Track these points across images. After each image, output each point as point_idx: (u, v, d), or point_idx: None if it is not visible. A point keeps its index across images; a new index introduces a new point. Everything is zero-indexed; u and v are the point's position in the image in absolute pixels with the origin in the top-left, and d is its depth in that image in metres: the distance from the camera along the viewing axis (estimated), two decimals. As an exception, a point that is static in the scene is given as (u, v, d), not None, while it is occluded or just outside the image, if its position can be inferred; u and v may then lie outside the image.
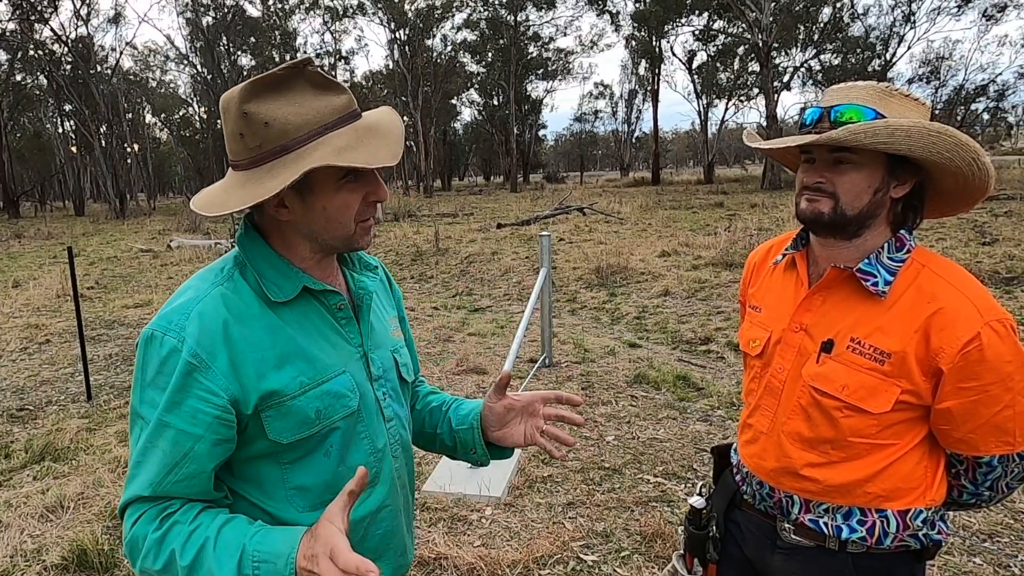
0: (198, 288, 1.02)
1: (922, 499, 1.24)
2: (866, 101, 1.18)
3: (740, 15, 28.85)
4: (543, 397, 1.24)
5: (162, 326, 0.97)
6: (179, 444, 0.95)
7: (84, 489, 3.62)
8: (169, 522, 0.95)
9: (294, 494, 1.04)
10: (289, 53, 43.11)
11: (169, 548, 0.93)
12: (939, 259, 1.23)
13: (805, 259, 1.35)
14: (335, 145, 0.96)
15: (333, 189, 1.00)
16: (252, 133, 0.97)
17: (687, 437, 4.08)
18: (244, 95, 0.97)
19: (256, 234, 1.07)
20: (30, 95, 40.36)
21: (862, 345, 1.20)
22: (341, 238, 1.05)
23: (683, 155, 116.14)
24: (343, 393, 1.07)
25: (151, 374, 0.96)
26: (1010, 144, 63.41)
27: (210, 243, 16.02)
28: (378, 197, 1.05)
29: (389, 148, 0.99)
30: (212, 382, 0.96)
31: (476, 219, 20.01)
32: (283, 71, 0.98)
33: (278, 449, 1.02)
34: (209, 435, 0.96)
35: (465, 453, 1.30)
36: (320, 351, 1.06)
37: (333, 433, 1.06)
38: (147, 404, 0.97)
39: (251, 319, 1.01)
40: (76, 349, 6.34)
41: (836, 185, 1.20)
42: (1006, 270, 8.04)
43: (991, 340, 1.12)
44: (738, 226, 13.24)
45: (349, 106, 1.01)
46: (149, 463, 0.96)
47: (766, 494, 1.35)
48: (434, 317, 7.82)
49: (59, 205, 53.79)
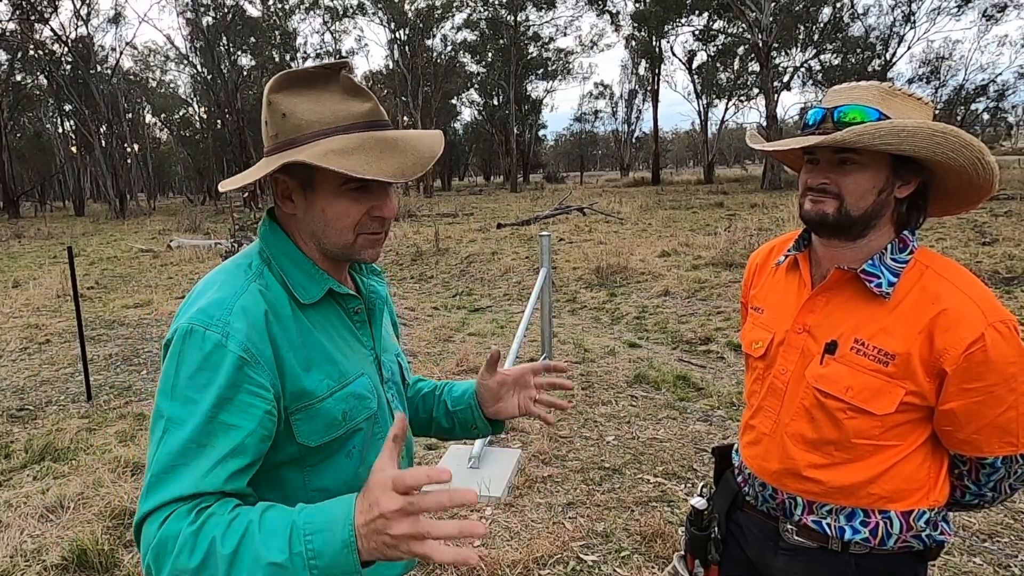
0: (233, 284, 0.99)
1: (925, 500, 1.23)
2: (869, 101, 1.17)
3: (740, 15, 28.84)
4: (532, 368, 1.28)
5: (202, 321, 0.93)
6: (229, 439, 0.90)
7: (84, 489, 3.61)
8: (206, 514, 0.86)
9: (316, 496, 1.02)
10: (289, 53, 43.11)
11: (208, 538, 0.84)
12: (942, 260, 1.23)
13: (808, 260, 1.34)
14: (329, 147, 0.94)
15: (333, 193, 0.99)
16: (272, 122, 0.99)
17: (687, 437, 4.08)
18: (274, 85, 0.99)
19: (279, 228, 1.06)
20: (30, 95, 40.36)
21: (866, 346, 1.20)
22: (339, 246, 1.03)
23: (683, 155, 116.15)
24: (364, 395, 1.07)
25: (190, 370, 0.91)
26: (1010, 144, 63.42)
27: (210, 243, 16.01)
28: (381, 213, 1.02)
29: (398, 164, 0.94)
30: (262, 376, 0.94)
31: (476, 219, 20.02)
32: (315, 68, 0.98)
33: (304, 453, 1.01)
34: (259, 429, 0.93)
35: (464, 430, 1.33)
36: (342, 354, 1.06)
37: (356, 435, 1.06)
38: (180, 403, 0.90)
39: (285, 319, 1.00)
40: (76, 349, 6.34)
41: (841, 186, 1.19)
42: (1006, 270, 8.04)
43: (995, 341, 1.12)
44: (738, 226, 13.24)
45: (371, 115, 0.99)
46: (191, 464, 0.88)
47: (769, 495, 1.35)
48: (434, 317, 7.81)
49: (59, 205, 53.81)
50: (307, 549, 0.81)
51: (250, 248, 1.08)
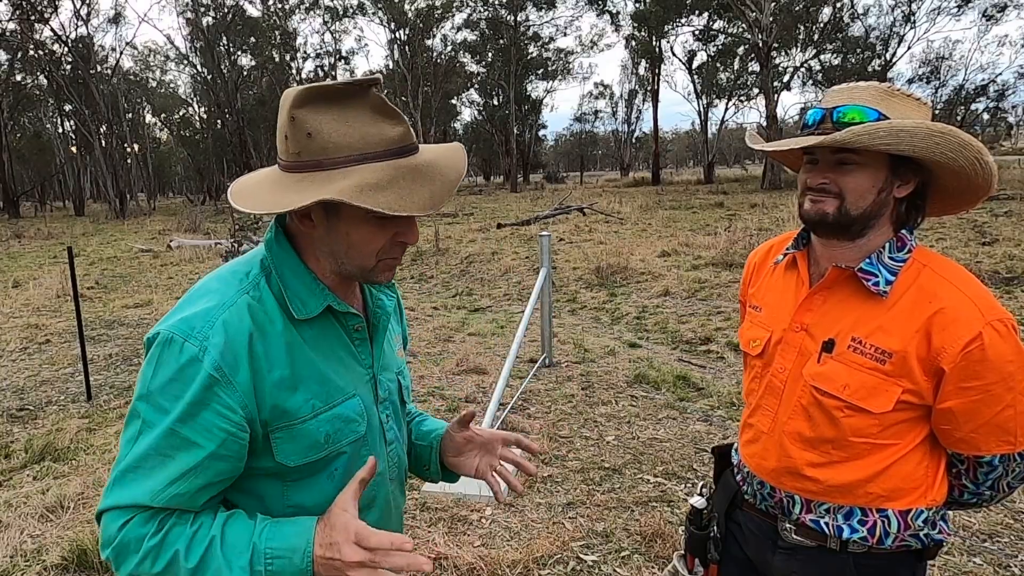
0: (223, 294, 0.97)
1: (923, 499, 1.24)
2: (868, 102, 1.18)
3: (740, 15, 28.84)
4: (503, 438, 1.25)
5: (183, 331, 0.92)
6: (189, 456, 0.91)
7: (84, 489, 3.61)
8: (168, 524, 0.91)
9: (292, 511, 1.02)
10: (289, 53, 43.11)
11: (171, 550, 0.89)
12: (940, 259, 1.23)
13: (806, 259, 1.35)
14: (363, 180, 0.90)
15: (359, 219, 0.95)
16: (294, 139, 0.94)
17: (687, 437, 4.08)
18: (297, 99, 0.92)
19: (285, 240, 1.03)
20: (30, 95, 40.36)
21: (863, 345, 1.20)
22: (359, 268, 1.01)
23: (683, 155, 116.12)
24: (352, 418, 1.05)
25: (164, 378, 0.91)
26: (1010, 144, 63.40)
27: (210, 243, 16.01)
28: (407, 240, 1.00)
29: (429, 195, 0.92)
30: (231, 398, 0.92)
31: (476, 219, 20.01)
32: (344, 85, 0.92)
33: (283, 470, 1.00)
34: (221, 451, 0.92)
35: (416, 465, 1.31)
36: (333, 373, 1.03)
37: (340, 457, 1.04)
38: (153, 408, 0.91)
39: (274, 335, 0.97)
40: (76, 349, 6.34)
41: (840, 186, 1.20)
42: (1006, 270, 8.03)
43: (993, 340, 1.12)
44: (738, 226, 13.25)
45: (403, 140, 0.95)
46: (151, 471, 0.90)
47: (767, 494, 1.36)
48: (434, 317, 7.82)
49: (59, 205, 53.82)
50: (267, 570, 0.90)
51: (251, 255, 1.05)
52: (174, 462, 0.91)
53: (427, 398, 4.91)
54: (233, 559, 0.89)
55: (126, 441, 0.93)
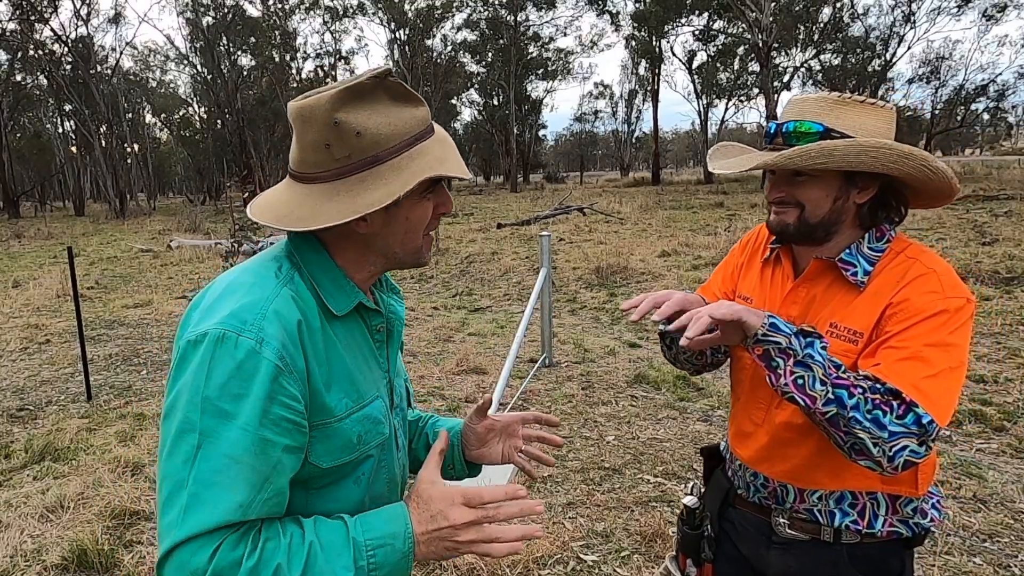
0: (263, 286, 0.93)
1: (911, 487, 1.27)
2: (817, 115, 1.23)
3: (740, 15, 28.83)
4: (522, 418, 1.25)
5: (234, 326, 0.87)
6: (269, 456, 0.86)
7: (84, 489, 3.61)
8: (261, 540, 0.85)
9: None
10: (289, 53, 43.10)
11: (272, 565, 0.84)
12: (917, 246, 1.28)
13: (789, 254, 1.40)
14: (435, 155, 0.94)
15: (418, 199, 0.98)
16: (341, 143, 0.92)
17: (687, 437, 4.09)
18: (335, 103, 0.90)
19: (314, 239, 1.00)
20: (30, 95, 40.34)
21: (838, 328, 1.26)
22: (412, 251, 1.02)
23: (683, 155, 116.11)
24: (379, 419, 1.03)
25: (221, 379, 0.85)
26: (1010, 144, 63.41)
27: (210, 243, 16.01)
28: (447, 209, 1.03)
29: (460, 159, 0.99)
30: (295, 387, 0.89)
31: (476, 219, 20.02)
32: (371, 79, 0.93)
33: (312, 474, 0.96)
34: (293, 444, 0.89)
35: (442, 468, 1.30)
36: (360, 373, 1.01)
37: (367, 461, 1.02)
38: (212, 415, 0.84)
39: (315, 330, 0.95)
40: (76, 349, 6.34)
41: (797, 197, 1.26)
42: (1006, 270, 8.03)
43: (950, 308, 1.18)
44: (738, 226, 13.25)
45: (428, 118, 0.98)
46: (233, 484, 0.84)
47: (760, 485, 1.38)
48: (434, 317, 7.82)
49: (59, 205, 53.81)
50: (370, 563, 0.89)
51: (275, 250, 1.02)
52: (255, 466, 0.85)
53: (427, 398, 4.92)
54: (334, 560, 0.87)
55: (182, 462, 0.84)
